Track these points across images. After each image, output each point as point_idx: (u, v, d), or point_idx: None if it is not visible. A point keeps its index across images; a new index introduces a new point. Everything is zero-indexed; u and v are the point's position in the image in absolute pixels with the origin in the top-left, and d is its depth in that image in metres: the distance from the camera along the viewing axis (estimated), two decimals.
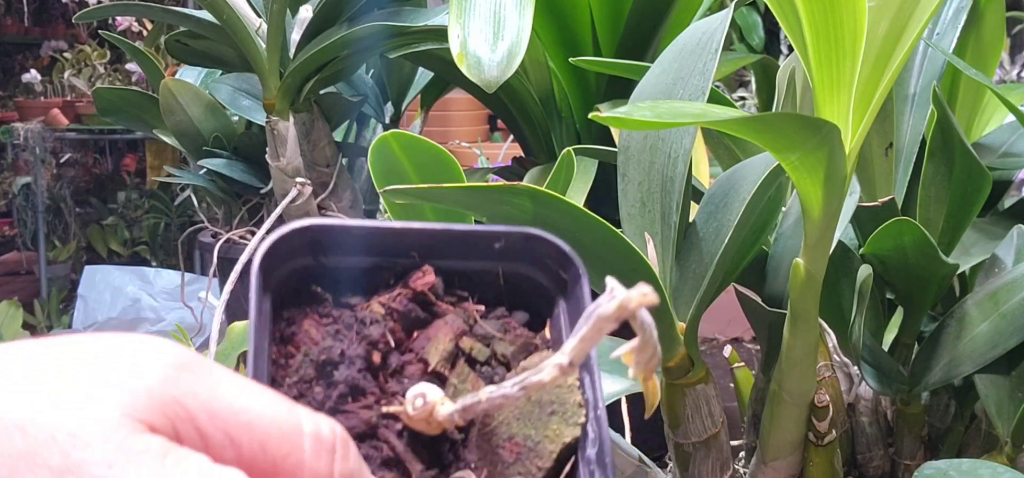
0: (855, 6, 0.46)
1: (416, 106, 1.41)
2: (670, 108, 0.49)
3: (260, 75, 1.15)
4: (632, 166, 0.61)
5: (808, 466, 0.61)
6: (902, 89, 0.75)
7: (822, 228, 0.51)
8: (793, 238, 0.64)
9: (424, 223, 0.32)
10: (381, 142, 0.60)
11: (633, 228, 0.60)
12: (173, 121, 1.30)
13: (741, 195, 0.56)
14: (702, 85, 0.57)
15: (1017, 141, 0.79)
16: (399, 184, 0.54)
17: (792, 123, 0.46)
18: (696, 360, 0.58)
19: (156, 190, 3.22)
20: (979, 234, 0.73)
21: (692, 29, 0.61)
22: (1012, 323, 0.61)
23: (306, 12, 1.17)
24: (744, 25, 2.31)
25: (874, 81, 0.49)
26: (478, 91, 1.00)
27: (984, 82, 0.73)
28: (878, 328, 0.70)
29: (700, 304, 0.57)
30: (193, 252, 2.04)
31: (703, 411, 0.59)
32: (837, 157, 0.47)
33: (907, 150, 0.73)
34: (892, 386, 0.66)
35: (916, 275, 0.66)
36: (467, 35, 0.85)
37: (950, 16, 0.77)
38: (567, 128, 1.12)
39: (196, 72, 1.42)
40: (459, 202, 0.52)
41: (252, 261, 0.30)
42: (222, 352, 1.05)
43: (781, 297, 0.63)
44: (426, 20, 1.07)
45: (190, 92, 1.30)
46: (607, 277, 0.28)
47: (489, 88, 0.85)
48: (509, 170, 1.21)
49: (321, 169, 1.23)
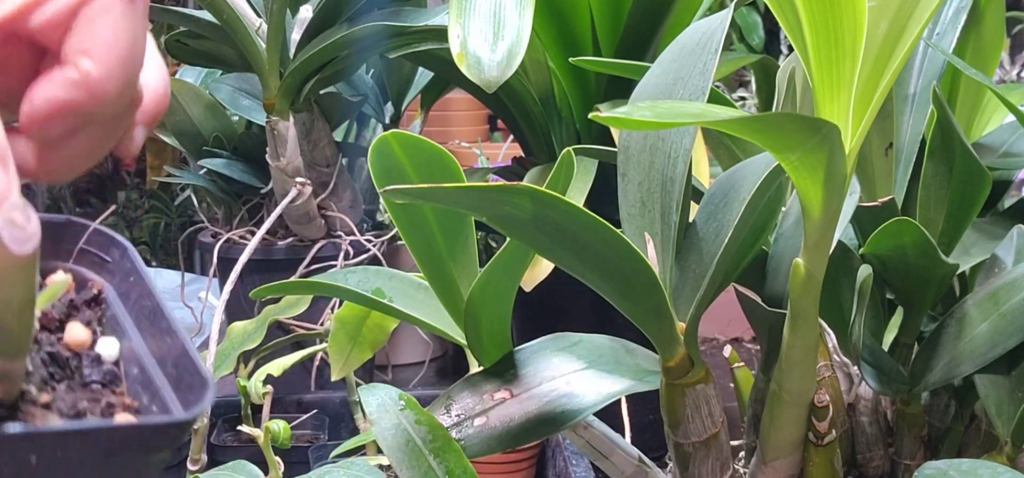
0: (855, 6, 0.46)
1: (416, 106, 1.41)
2: (670, 108, 0.49)
3: (260, 75, 1.15)
4: (632, 166, 0.61)
5: (808, 466, 0.61)
6: (902, 89, 0.75)
7: (822, 228, 0.51)
8: (793, 238, 0.64)
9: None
10: (381, 142, 0.60)
11: (633, 228, 0.60)
12: (173, 121, 1.30)
13: (741, 195, 0.56)
14: (702, 85, 0.57)
15: (1017, 141, 0.79)
16: (399, 184, 0.54)
17: (792, 123, 0.46)
18: (696, 360, 0.58)
19: (156, 190, 3.22)
20: (979, 234, 0.73)
21: (692, 29, 0.61)
22: (1012, 323, 0.61)
23: (306, 12, 1.17)
24: (744, 25, 2.31)
25: (874, 81, 0.49)
26: (478, 91, 1.00)
27: (984, 82, 0.73)
28: (878, 328, 0.70)
29: (700, 304, 0.57)
30: (193, 252, 2.04)
31: (703, 411, 0.59)
32: (837, 157, 0.47)
33: (907, 150, 0.73)
34: (892, 386, 0.66)
35: (916, 275, 0.66)
36: (467, 35, 0.85)
37: (950, 16, 0.77)
38: (567, 128, 1.12)
39: (196, 72, 1.42)
40: (459, 202, 0.52)
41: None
42: (222, 352, 1.05)
43: (781, 297, 0.63)
44: (426, 20, 1.07)
45: (190, 92, 1.30)
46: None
47: (489, 88, 0.85)
48: (509, 170, 1.21)
49: (321, 169, 1.23)
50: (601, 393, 0.60)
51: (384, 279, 0.68)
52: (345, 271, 0.70)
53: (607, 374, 0.61)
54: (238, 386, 1.02)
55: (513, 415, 0.60)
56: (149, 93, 0.36)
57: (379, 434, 0.59)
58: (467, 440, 0.60)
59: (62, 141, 0.33)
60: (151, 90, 0.36)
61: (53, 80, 0.32)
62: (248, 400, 1.02)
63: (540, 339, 0.65)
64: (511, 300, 0.62)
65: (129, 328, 0.34)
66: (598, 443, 0.65)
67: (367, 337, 0.87)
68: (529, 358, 0.63)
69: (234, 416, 1.07)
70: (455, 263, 0.63)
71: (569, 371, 0.62)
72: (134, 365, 0.33)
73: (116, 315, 0.34)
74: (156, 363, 0.33)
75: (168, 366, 0.33)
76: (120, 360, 0.33)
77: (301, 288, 0.95)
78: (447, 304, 0.65)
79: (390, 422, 0.59)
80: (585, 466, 0.82)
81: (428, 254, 0.63)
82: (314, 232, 1.24)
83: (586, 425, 0.64)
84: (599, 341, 0.64)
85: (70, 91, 0.32)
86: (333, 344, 0.87)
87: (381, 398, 0.60)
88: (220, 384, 1.09)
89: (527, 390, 0.61)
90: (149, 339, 0.34)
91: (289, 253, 1.24)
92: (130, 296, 0.35)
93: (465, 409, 0.61)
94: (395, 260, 1.30)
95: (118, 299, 0.35)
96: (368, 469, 0.63)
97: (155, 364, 0.33)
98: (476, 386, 0.62)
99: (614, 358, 0.63)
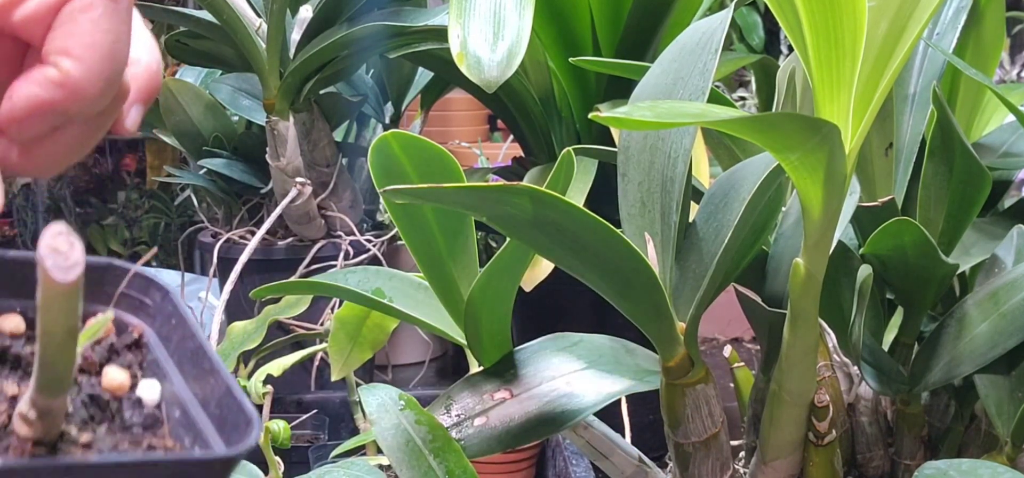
0: (855, 6, 0.46)
1: (416, 106, 1.41)
2: (670, 108, 0.49)
3: (260, 75, 1.15)
4: (632, 166, 0.61)
5: (808, 466, 0.61)
6: (902, 89, 0.75)
7: (822, 228, 0.51)
8: (793, 238, 0.64)
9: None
10: (381, 142, 0.60)
11: (633, 228, 0.60)
12: (173, 121, 1.30)
13: (741, 195, 0.56)
14: (702, 85, 0.57)
15: (1017, 141, 0.79)
16: (399, 184, 0.54)
17: (792, 123, 0.46)
18: (696, 360, 0.58)
19: (156, 190, 3.22)
20: (979, 234, 0.73)
21: (692, 29, 0.61)
22: (1012, 323, 0.61)
23: (306, 12, 1.17)
24: (744, 25, 2.31)
25: (874, 81, 0.49)
26: (478, 91, 1.00)
27: (984, 82, 0.73)
28: (878, 328, 0.70)
29: (700, 304, 0.57)
30: (193, 252, 2.04)
31: (703, 411, 0.59)
32: (837, 157, 0.47)
33: (907, 150, 0.73)
34: (892, 386, 0.66)
35: (916, 275, 0.66)
36: (467, 35, 0.85)
37: (950, 16, 0.77)
38: (567, 128, 1.12)
39: (196, 72, 1.42)
40: (459, 202, 0.52)
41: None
42: (222, 352, 1.05)
43: (781, 297, 0.63)
44: (426, 20, 1.07)
45: (190, 92, 1.30)
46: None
47: (489, 88, 0.85)
48: (509, 170, 1.21)
49: (321, 169, 1.23)
50: (601, 393, 0.60)
51: (384, 279, 0.68)
52: (345, 271, 0.70)
53: (607, 374, 0.61)
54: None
55: (513, 415, 0.60)
56: (142, 70, 0.36)
57: (379, 434, 0.59)
58: (467, 440, 0.60)
59: (44, 138, 0.33)
60: (144, 67, 0.36)
61: (33, 79, 0.32)
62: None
63: (540, 339, 0.65)
64: (511, 300, 0.62)
65: (171, 371, 0.33)
66: (598, 443, 0.65)
67: (367, 337, 0.87)
68: (529, 358, 0.63)
69: None
70: (455, 263, 0.63)
71: (569, 371, 0.62)
72: (176, 408, 0.32)
73: (157, 358, 0.34)
74: (199, 405, 0.32)
75: (211, 406, 0.32)
76: (162, 403, 0.32)
77: (301, 288, 0.95)
78: (447, 304, 0.65)
79: (390, 422, 0.59)
80: (585, 466, 0.82)
81: (428, 254, 0.63)
82: (314, 232, 1.24)
83: (586, 425, 0.64)
84: (599, 341, 0.65)
85: (50, 91, 0.32)
86: (333, 344, 0.87)
87: (381, 398, 0.60)
88: None
89: (527, 390, 0.61)
90: (191, 381, 0.33)
91: (289, 253, 1.24)
92: (172, 339, 0.34)
93: (465, 409, 0.61)
94: (395, 260, 1.30)
95: (159, 342, 0.34)
96: (368, 469, 0.63)
97: (198, 406, 0.32)
98: (476, 386, 0.62)
99: (614, 358, 0.63)
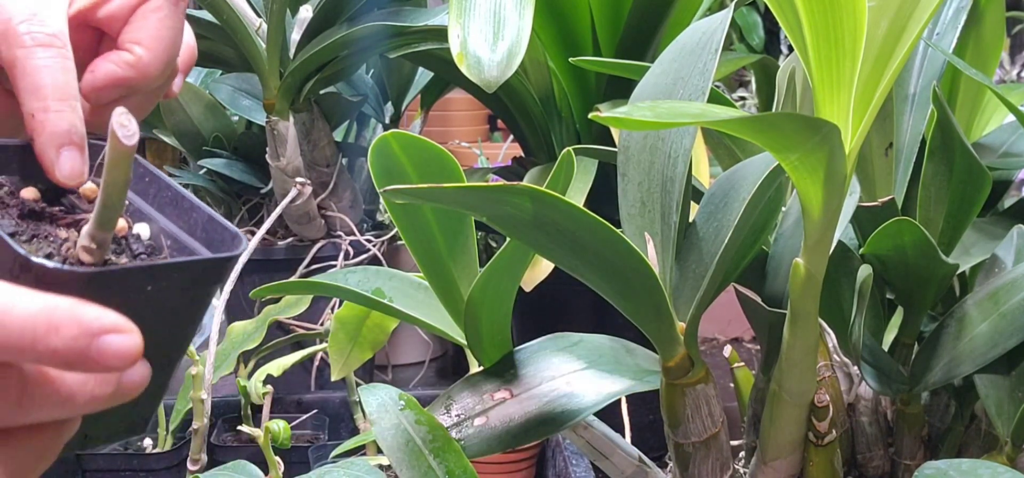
0: (855, 6, 0.46)
1: (416, 106, 1.41)
2: (670, 108, 0.49)
3: (260, 75, 1.15)
4: (632, 166, 0.61)
5: (808, 466, 0.61)
6: (902, 89, 0.75)
7: (822, 228, 0.51)
8: (793, 238, 0.64)
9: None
10: (381, 142, 0.60)
11: (633, 228, 0.60)
12: (173, 121, 1.30)
13: (741, 195, 0.56)
14: (702, 85, 0.57)
15: (1017, 141, 0.79)
16: (399, 184, 0.54)
17: (792, 123, 0.46)
18: (696, 360, 0.58)
19: None
20: (979, 234, 0.73)
21: (692, 29, 0.61)
22: (1012, 323, 0.61)
23: (306, 12, 1.17)
24: (744, 25, 2.31)
25: (874, 81, 0.49)
26: (478, 91, 1.00)
27: (984, 82, 0.73)
28: (878, 328, 0.71)
29: (700, 304, 0.57)
30: None
31: (703, 411, 0.59)
32: (837, 157, 0.47)
33: (907, 150, 0.73)
34: (892, 386, 0.66)
35: (916, 275, 0.66)
36: (467, 35, 0.85)
37: (950, 16, 0.77)
38: (567, 128, 1.12)
39: (196, 72, 1.42)
40: (459, 202, 0.52)
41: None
42: (222, 352, 1.05)
43: (781, 297, 0.63)
44: (426, 20, 1.07)
45: (190, 92, 1.30)
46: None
47: (489, 88, 0.85)
48: (509, 170, 1.22)
49: (321, 169, 1.23)
50: (601, 393, 0.60)
51: (384, 279, 0.68)
52: (345, 271, 0.70)
53: (607, 374, 0.61)
54: (238, 386, 1.02)
55: (513, 415, 0.60)
56: (185, 48, 0.46)
57: (379, 434, 0.59)
58: (467, 440, 0.60)
59: (113, 104, 0.40)
60: (186, 45, 0.47)
61: (111, 59, 0.43)
62: (248, 400, 1.02)
63: (540, 339, 0.65)
64: (511, 300, 0.62)
65: (155, 215, 0.43)
66: (598, 443, 0.65)
67: (367, 337, 0.87)
68: (529, 358, 0.63)
69: (234, 416, 1.07)
70: (455, 263, 0.63)
71: (569, 371, 0.62)
72: (168, 239, 0.41)
73: (140, 208, 0.43)
74: (187, 233, 0.42)
75: (198, 232, 0.41)
76: (155, 238, 0.41)
77: (301, 288, 0.95)
78: (447, 304, 0.65)
79: (390, 422, 0.59)
80: (585, 466, 0.82)
81: (428, 254, 0.63)
82: (314, 232, 1.24)
83: (586, 425, 0.64)
84: (599, 341, 0.65)
85: (125, 69, 0.43)
86: (333, 344, 0.87)
87: (381, 398, 0.60)
88: (220, 384, 1.09)
89: (527, 390, 0.61)
90: (175, 219, 0.42)
91: (289, 253, 1.24)
92: (148, 192, 0.43)
93: (465, 409, 0.61)
94: (395, 260, 1.30)
95: (137, 196, 0.43)
96: (368, 469, 0.63)
97: (186, 234, 0.42)
98: (476, 386, 0.62)
99: (614, 358, 0.63)
